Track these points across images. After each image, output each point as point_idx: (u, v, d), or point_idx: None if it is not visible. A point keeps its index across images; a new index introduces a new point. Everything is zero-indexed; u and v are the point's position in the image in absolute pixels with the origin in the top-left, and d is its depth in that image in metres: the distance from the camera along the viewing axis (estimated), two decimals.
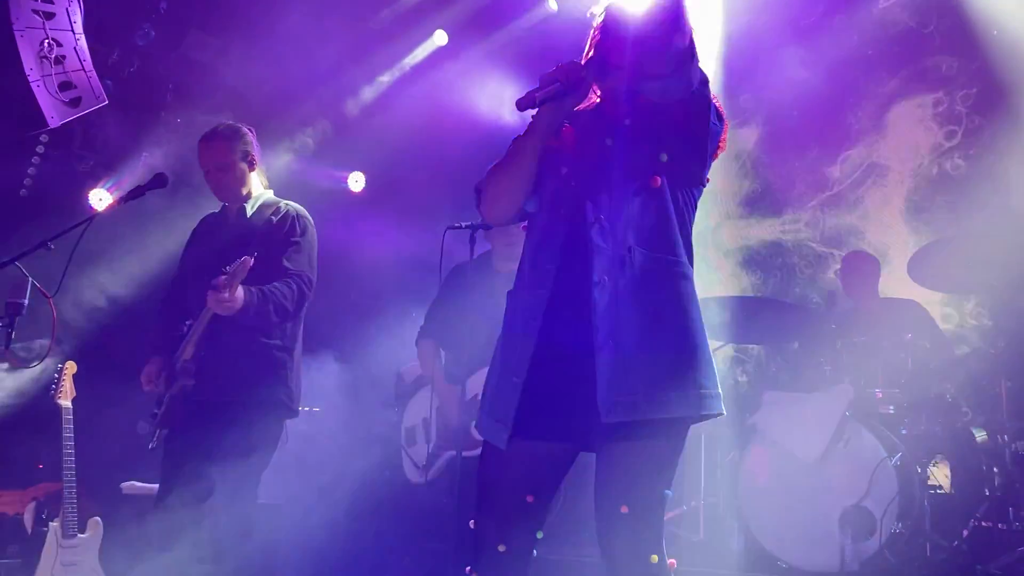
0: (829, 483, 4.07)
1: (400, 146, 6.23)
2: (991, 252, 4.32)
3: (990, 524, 4.06)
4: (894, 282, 5.20)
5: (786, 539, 4.13)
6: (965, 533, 4.03)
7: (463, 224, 3.98)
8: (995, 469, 4.20)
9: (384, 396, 5.14)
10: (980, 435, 4.28)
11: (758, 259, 6.17)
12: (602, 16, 2.41)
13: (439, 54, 6.39)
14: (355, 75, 6.23)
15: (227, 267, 3.09)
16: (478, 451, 3.99)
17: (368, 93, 6.35)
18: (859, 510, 3.93)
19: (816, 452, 4.09)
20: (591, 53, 2.40)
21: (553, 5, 6.22)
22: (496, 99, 6.35)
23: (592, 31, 2.43)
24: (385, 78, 6.35)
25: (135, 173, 5.39)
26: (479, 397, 4.02)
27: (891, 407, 4.29)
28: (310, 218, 3.56)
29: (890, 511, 3.91)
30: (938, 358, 4.46)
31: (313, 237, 3.53)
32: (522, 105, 2.24)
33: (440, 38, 6.33)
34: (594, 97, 2.45)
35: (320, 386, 5.03)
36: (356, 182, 6.54)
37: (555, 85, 2.25)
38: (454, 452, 4.00)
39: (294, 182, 5.61)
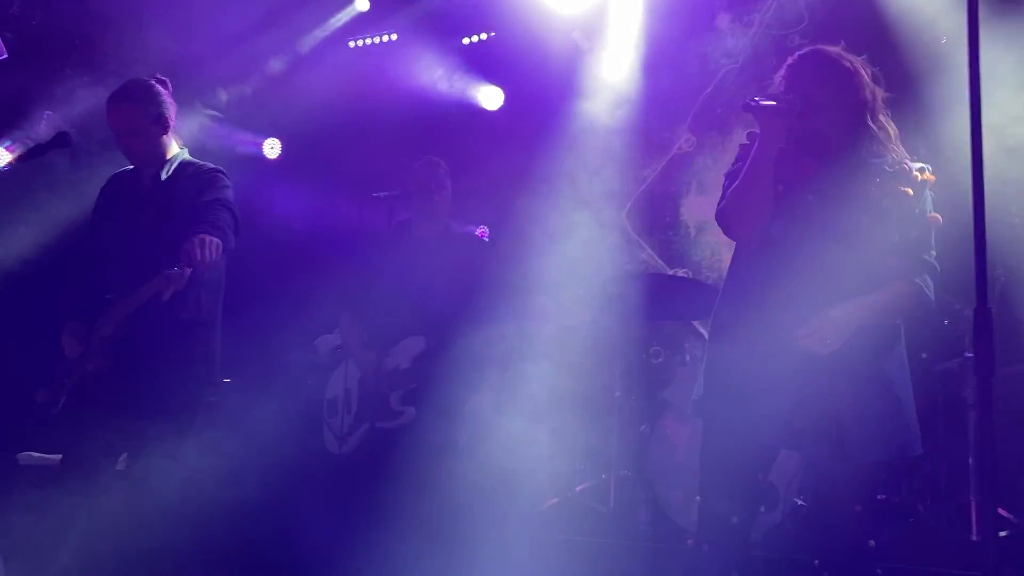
0: None
1: (319, 113, 6.11)
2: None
3: (884, 497, 4.25)
4: None
5: (693, 511, 4.24)
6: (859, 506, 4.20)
7: (382, 194, 3.95)
8: None
9: (301, 367, 5.07)
10: None
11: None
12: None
13: (361, 20, 6.28)
14: (273, 37, 6.07)
15: (178, 266, 2.94)
16: (395, 423, 4.01)
17: (286, 57, 6.21)
18: (763, 483, 4.06)
19: None
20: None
21: None
22: (419, 68, 6.28)
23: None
24: (305, 42, 6.22)
25: (36, 131, 5.16)
26: (400, 368, 4.03)
27: None
28: (223, 171, 3.44)
29: (792, 484, 4.06)
30: None
31: (230, 188, 3.40)
32: (745, 107, 2.45)
33: (361, 4, 6.23)
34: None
35: (236, 357, 4.94)
36: (272, 149, 6.40)
37: (772, 102, 2.45)
38: (375, 424, 3.99)
39: (205, 146, 5.46)
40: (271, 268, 5.89)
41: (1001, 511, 4.02)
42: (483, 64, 6.42)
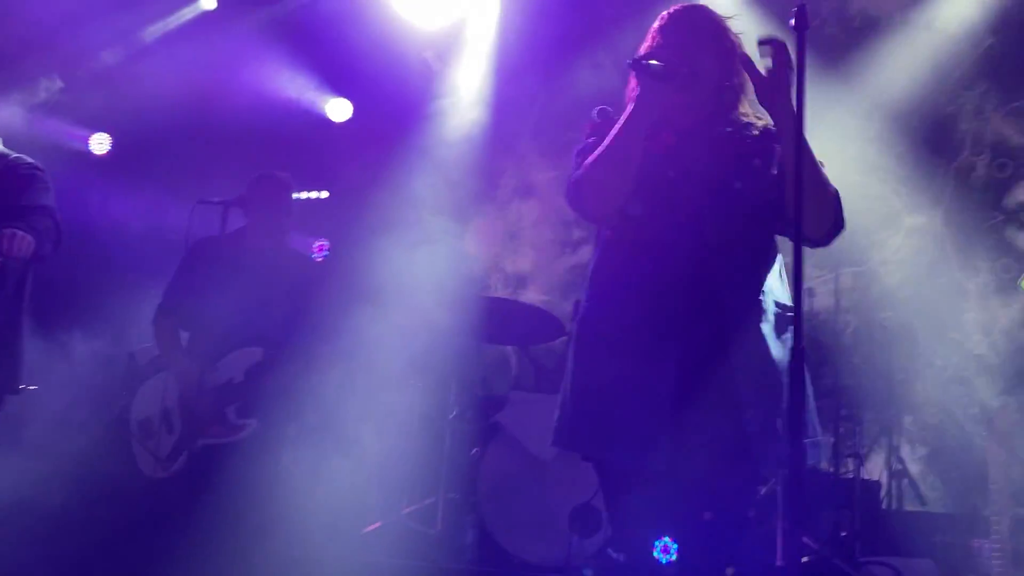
0: (561, 481, 4.26)
1: (155, 111, 5.82)
2: None
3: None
4: None
5: (518, 534, 4.28)
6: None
7: (215, 199, 3.79)
8: None
9: (115, 378, 4.77)
10: None
11: None
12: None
13: (206, 19, 6.05)
14: (108, 27, 5.74)
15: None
16: (235, 437, 3.80)
17: (122, 49, 5.89)
18: (587, 508, 4.15)
19: (551, 452, 4.26)
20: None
21: None
22: (265, 74, 6.11)
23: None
24: (143, 35, 5.92)
25: None
26: (234, 382, 3.83)
27: None
28: (39, 165, 3.23)
29: None
30: None
31: (48, 180, 3.20)
32: (633, 66, 2.15)
33: (207, 2, 6.01)
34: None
35: (45, 364, 4.60)
36: (100, 144, 6.05)
37: (663, 65, 2.15)
38: (205, 441, 3.80)
39: (23, 138, 5.08)
40: (89, 270, 5.54)
41: (805, 539, 4.26)
42: (333, 75, 6.32)
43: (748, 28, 2.38)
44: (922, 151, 5.21)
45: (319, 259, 5.34)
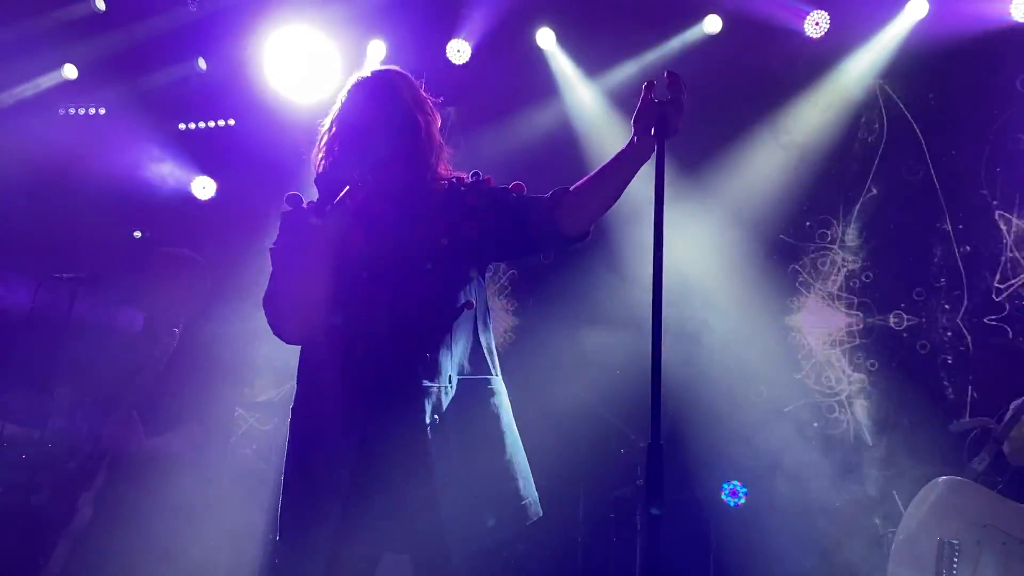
0: None
1: (5, 177, 5.55)
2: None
3: None
4: None
5: None
6: None
7: (65, 275, 3.59)
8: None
9: None
10: None
11: None
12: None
13: (66, 88, 5.86)
14: None
15: None
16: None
17: None
18: None
19: None
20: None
21: (202, 64, 6.01)
22: (126, 147, 5.93)
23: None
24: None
25: None
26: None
27: None
28: None
29: None
30: None
31: None
32: (317, 216, 2.15)
33: (69, 72, 5.83)
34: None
35: None
36: None
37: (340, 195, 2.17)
38: None
39: None
40: None
41: None
42: (198, 150, 6.21)
43: (614, 132, 2.51)
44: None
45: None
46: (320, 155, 2.39)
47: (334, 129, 2.38)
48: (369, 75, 2.38)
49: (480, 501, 2.20)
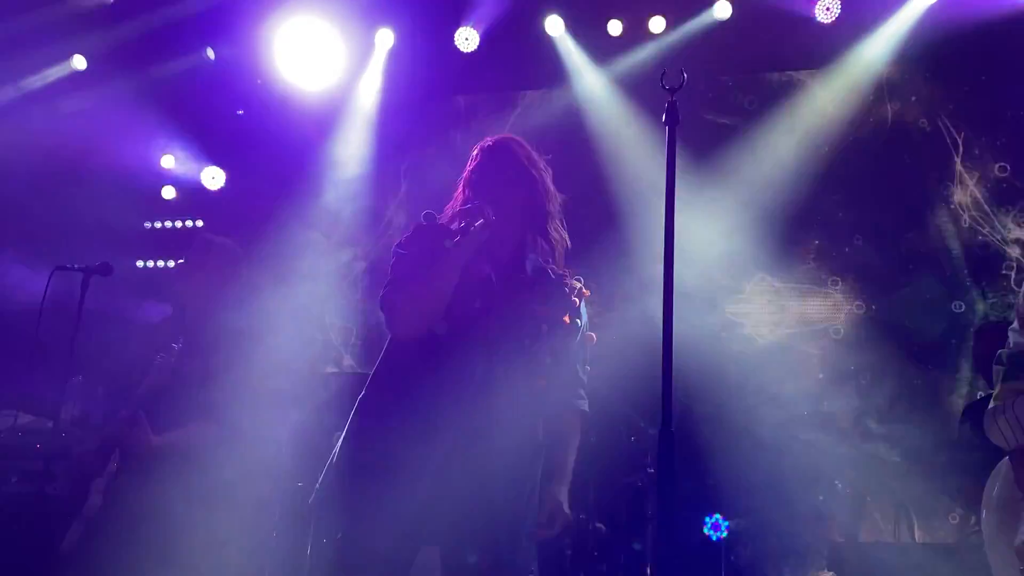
0: None
1: (14, 169, 5.56)
2: None
3: None
4: None
5: None
6: None
7: (75, 265, 3.58)
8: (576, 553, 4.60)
9: None
10: None
11: None
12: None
13: (75, 80, 5.87)
14: None
15: None
16: None
17: None
18: None
19: None
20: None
21: (210, 54, 6.01)
22: (135, 138, 5.95)
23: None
24: (5, 91, 5.68)
25: None
26: None
27: None
28: None
29: None
30: None
31: None
32: (458, 242, 2.38)
33: (78, 63, 5.84)
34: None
35: None
36: None
37: (480, 220, 2.40)
38: None
39: None
40: None
41: None
42: (209, 142, 6.22)
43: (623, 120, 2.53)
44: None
45: None
46: (458, 193, 2.64)
47: (467, 181, 2.63)
48: (492, 142, 2.65)
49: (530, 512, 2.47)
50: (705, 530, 4.73)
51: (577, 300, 2.58)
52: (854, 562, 4.41)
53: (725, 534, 4.70)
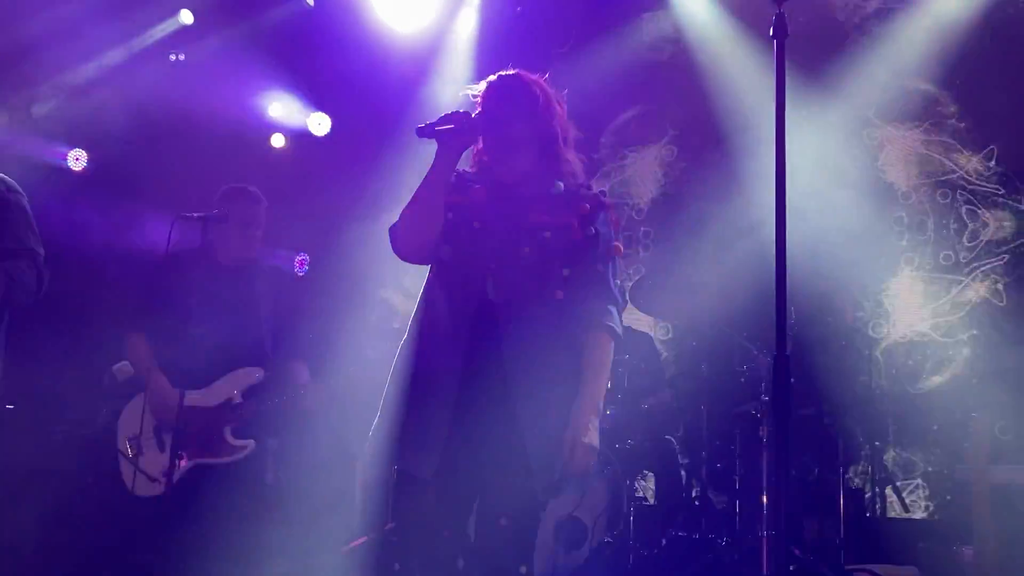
0: None
1: (133, 127, 5.79)
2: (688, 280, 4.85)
3: (685, 534, 4.42)
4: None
5: None
6: (664, 542, 4.36)
7: (195, 215, 3.72)
8: (693, 482, 4.60)
9: (92, 395, 4.69)
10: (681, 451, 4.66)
11: None
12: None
13: (183, 34, 6.03)
14: (84, 44, 5.70)
15: None
16: (231, 457, 3.72)
17: (98, 65, 5.84)
18: (572, 520, 4.13)
19: None
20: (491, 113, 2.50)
21: (310, 0, 6.08)
22: (242, 88, 6.09)
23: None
24: (119, 51, 5.88)
25: None
26: (232, 402, 3.75)
27: (607, 423, 4.55)
28: (17, 187, 3.18)
29: (600, 521, 4.14)
30: (651, 378, 4.80)
31: (26, 205, 3.16)
32: (420, 133, 2.43)
33: (186, 17, 5.99)
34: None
35: (21, 383, 4.52)
36: (77, 160, 6.00)
37: (450, 125, 2.41)
38: (198, 461, 3.73)
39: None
40: (69, 286, 5.48)
41: (791, 548, 4.26)
42: (314, 89, 6.32)
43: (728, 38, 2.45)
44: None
45: (300, 273, 5.29)
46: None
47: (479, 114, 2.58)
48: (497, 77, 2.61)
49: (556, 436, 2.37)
50: None
51: (591, 207, 2.48)
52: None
53: None
